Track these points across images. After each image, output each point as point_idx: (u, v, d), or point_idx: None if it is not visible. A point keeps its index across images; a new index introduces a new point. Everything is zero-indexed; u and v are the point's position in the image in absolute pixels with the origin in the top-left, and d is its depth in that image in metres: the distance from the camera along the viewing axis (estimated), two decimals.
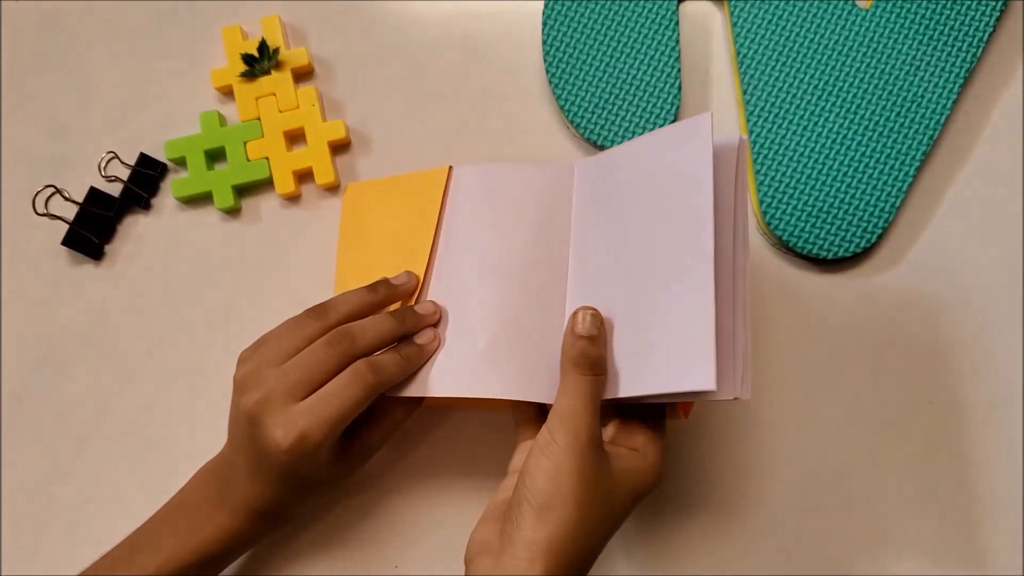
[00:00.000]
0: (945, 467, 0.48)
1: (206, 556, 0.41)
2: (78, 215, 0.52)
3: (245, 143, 0.52)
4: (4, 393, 0.51)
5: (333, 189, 0.53)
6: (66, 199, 0.52)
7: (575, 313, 0.39)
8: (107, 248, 0.53)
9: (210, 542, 0.41)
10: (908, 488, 0.48)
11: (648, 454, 0.38)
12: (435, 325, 0.43)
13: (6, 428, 0.50)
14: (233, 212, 0.53)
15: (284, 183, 0.52)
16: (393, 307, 0.44)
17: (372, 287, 0.43)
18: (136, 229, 0.53)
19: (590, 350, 0.37)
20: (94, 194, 0.52)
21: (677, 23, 0.51)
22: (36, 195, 0.52)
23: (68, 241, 0.52)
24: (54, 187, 0.52)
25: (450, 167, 0.47)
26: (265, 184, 0.53)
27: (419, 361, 0.42)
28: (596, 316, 0.38)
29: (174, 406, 0.44)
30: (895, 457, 0.48)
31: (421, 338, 0.42)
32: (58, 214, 0.52)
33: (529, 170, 0.45)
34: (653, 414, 0.40)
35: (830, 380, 0.49)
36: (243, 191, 0.53)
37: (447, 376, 0.41)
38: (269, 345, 0.40)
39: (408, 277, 0.44)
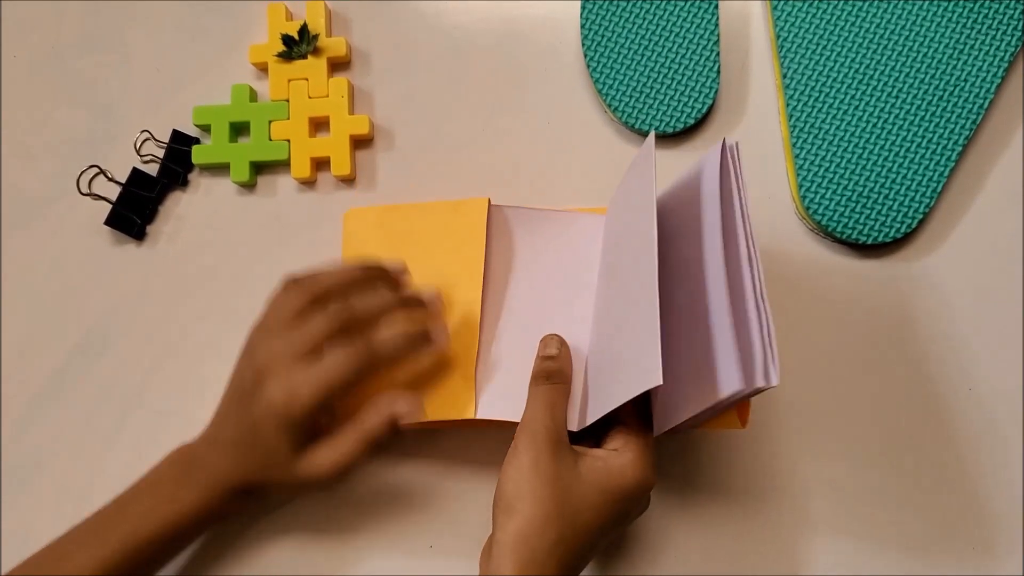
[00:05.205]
0: (983, 454, 0.48)
1: (169, 531, 0.42)
2: (121, 195, 0.52)
3: (270, 122, 0.53)
4: (48, 371, 0.52)
5: (349, 181, 0.53)
6: (109, 179, 0.53)
7: (543, 339, 0.44)
8: (148, 228, 0.53)
9: (173, 516, 0.42)
10: (946, 475, 0.47)
11: (625, 453, 0.39)
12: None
13: (50, 405, 0.51)
14: (249, 187, 0.53)
15: (300, 168, 0.52)
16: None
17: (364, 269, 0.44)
18: (177, 209, 0.53)
19: (548, 364, 0.42)
20: (136, 175, 0.53)
21: (716, 6, 0.51)
22: (80, 175, 0.53)
23: (111, 221, 0.52)
24: (98, 167, 0.53)
25: (488, 202, 0.47)
26: (282, 165, 0.53)
27: (421, 346, 0.43)
28: (558, 339, 0.44)
29: (216, 384, 0.45)
30: (933, 444, 0.48)
31: (433, 331, 0.43)
32: (101, 194, 0.53)
33: (567, 219, 0.48)
34: (633, 416, 0.41)
35: (867, 366, 0.49)
36: (260, 168, 0.54)
37: (498, 401, 0.44)
38: (285, 336, 0.41)
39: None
